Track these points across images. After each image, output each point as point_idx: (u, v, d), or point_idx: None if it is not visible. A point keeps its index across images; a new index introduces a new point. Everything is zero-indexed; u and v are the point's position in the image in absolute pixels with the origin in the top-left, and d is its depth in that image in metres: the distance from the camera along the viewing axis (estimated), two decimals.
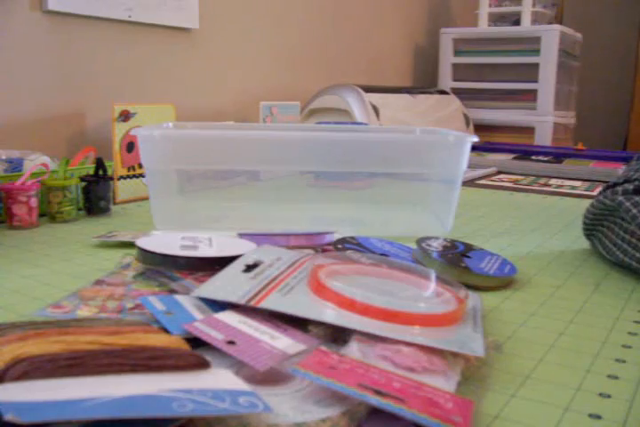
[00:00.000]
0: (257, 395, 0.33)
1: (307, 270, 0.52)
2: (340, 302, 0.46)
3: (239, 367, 0.39)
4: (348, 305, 0.45)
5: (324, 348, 0.40)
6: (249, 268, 0.53)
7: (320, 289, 0.47)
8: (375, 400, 0.34)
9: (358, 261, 0.56)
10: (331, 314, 0.45)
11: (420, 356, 0.41)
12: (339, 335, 0.45)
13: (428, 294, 0.51)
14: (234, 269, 0.53)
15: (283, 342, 0.41)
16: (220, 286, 0.49)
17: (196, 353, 0.37)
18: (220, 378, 0.35)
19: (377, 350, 0.41)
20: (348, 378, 0.36)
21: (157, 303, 0.48)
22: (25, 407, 0.28)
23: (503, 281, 0.63)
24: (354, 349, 0.42)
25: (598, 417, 0.38)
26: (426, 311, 0.45)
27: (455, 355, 0.42)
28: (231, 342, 0.41)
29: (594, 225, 0.75)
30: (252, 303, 0.46)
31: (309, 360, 0.38)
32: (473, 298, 0.54)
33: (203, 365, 0.36)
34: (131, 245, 0.74)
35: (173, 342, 0.39)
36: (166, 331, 0.42)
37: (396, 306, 0.45)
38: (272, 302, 0.46)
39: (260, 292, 0.48)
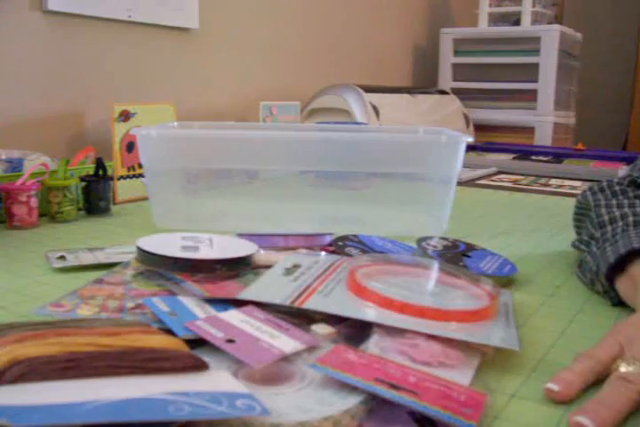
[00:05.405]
0: (255, 397, 0.33)
1: (343, 273, 0.55)
2: (379, 301, 0.48)
3: (239, 368, 0.39)
4: (387, 304, 0.47)
5: (343, 344, 0.42)
6: (288, 271, 0.55)
7: (359, 290, 0.49)
8: (390, 394, 0.35)
9: (391, 263, 0.58)
10: (371, 313, 0.47)
11: (436, 350, 0.42)
12: (351, 334, 0.46)
13: (461, 291, 0.53)
14: (275, 272, 0.55)
15: (282, 340, 0.42)
16: (264, 288, 0.51)
17: (193, 355, 0.37)
18: (217, 380, 0.35)
19: (395, 345, 0.43)
20: (365, 373, 0.37)
21: (161, 304, 0.48)
22: (17, 411, 0.28)
23: (500, 281, 0.63)
24: (373, 344, 0.43)
25: None
26: (461, 308, 0.48)
27: (471, 349, 0.44)
28: (230, 341, 0.41)
29: (578, 220, 0.74)
30: (296, 305, 0.47)
31: (328, 356, 0.39)
32: (505, 295, 0.56)
33: (200, 366, 0.36)
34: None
35: (172, 343, 0.39)
36: (166, 332, 0.42)
37: (432, 303, 0.47)
38: (315, 303, 0.48)
39: (302, 293, 0.50)
